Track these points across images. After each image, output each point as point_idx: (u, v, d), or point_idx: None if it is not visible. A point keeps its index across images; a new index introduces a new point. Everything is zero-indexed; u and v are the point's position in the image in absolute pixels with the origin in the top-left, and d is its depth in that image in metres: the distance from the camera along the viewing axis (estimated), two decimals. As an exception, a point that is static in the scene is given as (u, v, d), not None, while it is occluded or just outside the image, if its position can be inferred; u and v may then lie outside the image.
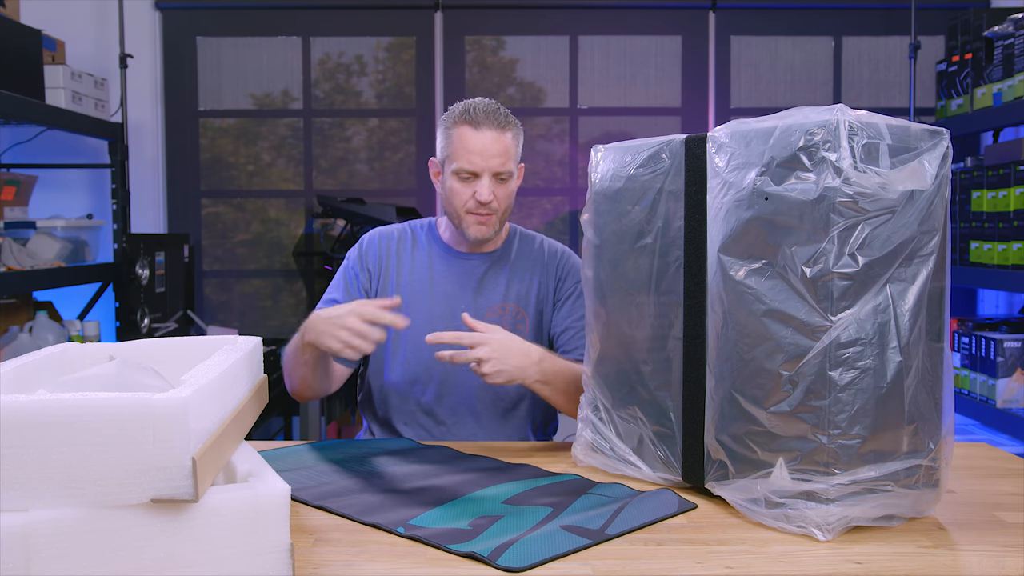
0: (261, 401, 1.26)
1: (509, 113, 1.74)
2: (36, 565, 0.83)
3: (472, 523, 1.15)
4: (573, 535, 1.10)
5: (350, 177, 3.86)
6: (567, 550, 1.06)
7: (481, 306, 1.78)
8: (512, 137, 1.72)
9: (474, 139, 1.68)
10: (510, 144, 1.71)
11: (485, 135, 1.68)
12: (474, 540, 1.09)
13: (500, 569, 1.01)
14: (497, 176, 1.70)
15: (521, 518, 1.17)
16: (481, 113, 1.69)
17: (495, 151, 1.68)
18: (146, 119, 3.71)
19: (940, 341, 1.15)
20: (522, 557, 1.03)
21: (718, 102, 3.85)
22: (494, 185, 1.70)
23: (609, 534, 1.11)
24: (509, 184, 1.73)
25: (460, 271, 1.80)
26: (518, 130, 1.75)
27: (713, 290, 1.20)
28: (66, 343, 1.26)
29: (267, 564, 0.92)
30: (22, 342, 2.78)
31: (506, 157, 1.70)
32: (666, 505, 1.23)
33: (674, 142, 1.28)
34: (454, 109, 1.73)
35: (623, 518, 1.17)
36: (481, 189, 1.69)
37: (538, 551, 1.05)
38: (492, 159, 1.68)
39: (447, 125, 1.73)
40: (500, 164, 1.69)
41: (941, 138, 1.13)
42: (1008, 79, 2.84)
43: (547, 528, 1.12)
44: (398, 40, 3.87)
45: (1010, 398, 2.73)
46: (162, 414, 0.84)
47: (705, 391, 1.24)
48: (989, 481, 1.39)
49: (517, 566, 1.01)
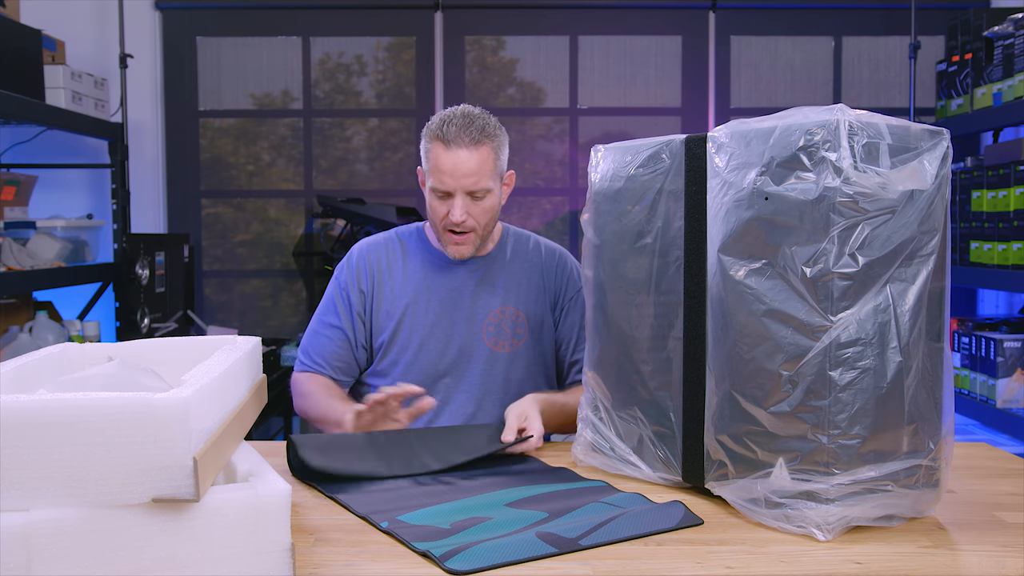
0: (261, 401, 1.26)
1: (490, 124, 1.67)
2: (37, 565, 0.83)
3: (453, 524, 1.14)
4: (543, 542, 1.07)
5: (350, 177, 3.86)
6: (526, 557, 1.03)
7: (480, 311, 1.77)
8: (491, 151, 1.66)
9: (445, 158, 1.63)
10: (486, 159, 1.65)
11: (456, 155, 1.63)
12: (443, 540, 1.07)
13: (445, 571, 1.00)
14: (471, 195, 1.65)
15: (507, 522, 1.15)
16: (454, 129, 1.63)
17: (466, 170, 1.63)
18: (146, 119, 3.71)
19: (940, 341, 1.15)
20: (473, 560, 1.01)
21: (718, 102, 3.85)
22: (468, 204, 1.66)
23: (582, 544, 1.07)
24: (486, 200, 1.68)
25: (455, 278, 1.78)
26: (498, 142, 1.68)
27: (713, 290, 1.20)
28: (66, 343, 1.26)
29: (268, 564, 0.92)
30: (22, 342, 2.78)
31: (480, 175, 1.64)
32: (668, 518, 1.16)
33: (674, 142, 1.28)
34: (431, 122, 1.68)
35: (611, 528, 1.12)
36: (454, 210, 1.65)
37: (494, 556, 1.02)
38: (464, 178, 1.64)
39: (426, 138, 1.68)
40: (473, 183, 1.64)
41: (941, 138, 1.13)
42: (1008, 79, 2.84)
43: (523, 534, 1.09)
44: (398, 40, 3.87)
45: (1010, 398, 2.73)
46: (163, 414, 0.84)
47: (705, 391, 1.24)
48: (989, 481, 1.39)
49: (463, 568, 1.00)
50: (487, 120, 1.68)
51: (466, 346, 1.76)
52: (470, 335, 1.76)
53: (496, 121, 1.71)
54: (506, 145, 1.72)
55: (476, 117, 1.66)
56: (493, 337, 1.76)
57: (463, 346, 1.75)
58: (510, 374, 1.76)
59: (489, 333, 1.76)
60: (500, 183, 1.72)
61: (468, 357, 1.76)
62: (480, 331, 1.76)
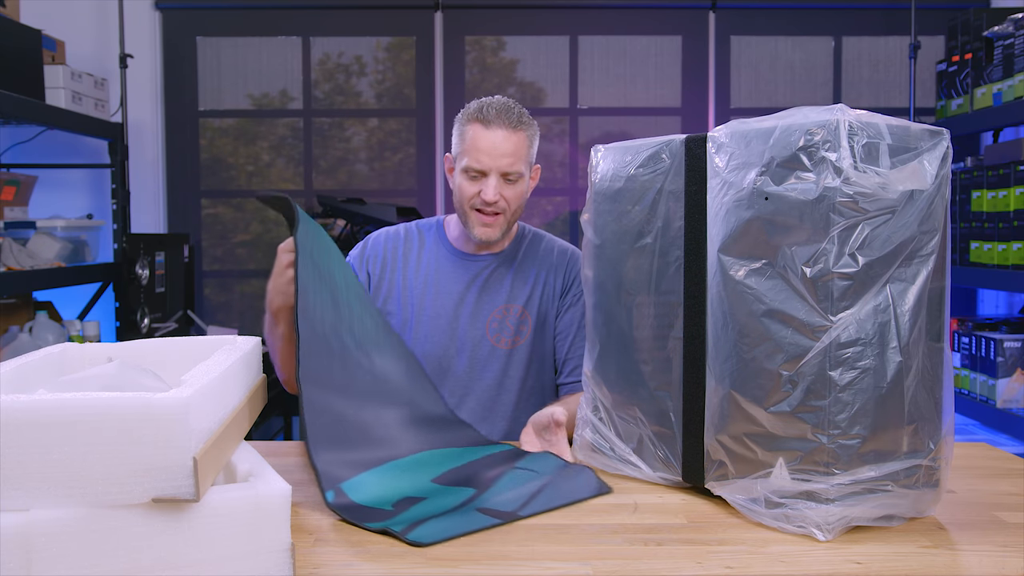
0: (261, 401, 1.26)
1: (525, 113, 1.72)
2: (37, 565, 0.83)
3: (395, 504, 1.23)
4: (487, 516, 1.18)
5: (350, 177, 3.86)
6: (477, 528, 1.14)
7: (485, 307, 1.78)
8: (526, 138, 1.71)
9: (484, 137, 1.67)
10: (521, 144, 1.69)
11: (495, 134, 1.67)
12: (391, 519, 1.16)
13: (409, 543, 1.08)
14: (505, 176, 1.69)
15: (442, 499, 1.25)
16: (494, 112, 1.68)
17: (503, 151, 1.67)
18: (146, 119, 3.71)
19: (940, 341, 1.15)
20: (432, 534, 1.11)
21: (718, 102, 3.85)
22: (501, 185, 1.69)
23: (522, 515, 1.19)
24: (518, 185, 1.71)
25: (466, 272, 1.80)
26: (533, 131, 1.73)
27: (713, 290, 1.20)
28: (66, 343, 1.26)
29: (268, 564, 0.92)
30: (22, 342, 2.78)
31: (515, 157, 1.68)
32: (584, 487, 1.30)
33: (674, 142, 1.28)
34: (469, 106, 1.73)
35: (541, 499, 1.24)
36: (487, 188, 1.68)
37: (449, 528, 1.13)
38: (500, 159, 1.67)
39: (461, 122, 1.73)
40: (509, 164, 1.68)
41: (941, 138, 1.13)
42: (1008, 79, 2.84)
43: (464, 510, 1.20)
44: (398, 40, 3.87)
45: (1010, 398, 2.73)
46: (163, 414, 0.85)
47: (705, 391, 1.24)
48: (989, 481, 1.39)
49: (426, 540, 1.09)
50: (523, 110, 1.74)
51: (467, 339, 1.77)
52: (473, 329, 1.78)
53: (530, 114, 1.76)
54: (537, 139, 1.76)
55: (514, 105, 1.72)
56: (496, 333, 1.78)
57: (464, 339, 1.77)
58: (508, 370, 1.78)
59: (492, 329, 1.78)
60: (529, 172, 1.75)
61: (469, 350, 1.77)
62: (484, 326, 1.78)
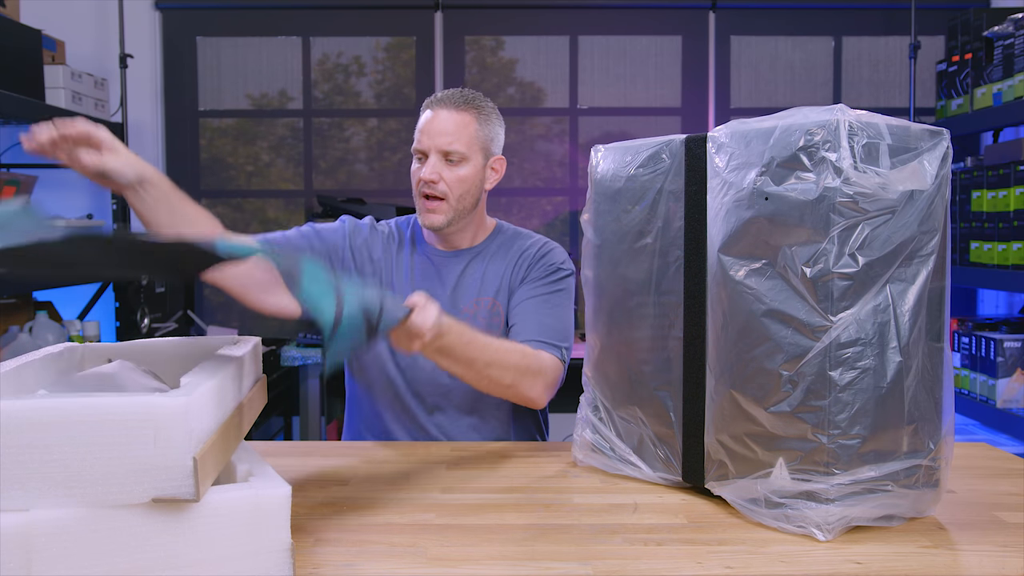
0: (261, 401, 1.26)
1: (480, 97, 1.70)
2: (37, 565, 0.83)
3: None
4: None
5: (350, 177, 3.86)
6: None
7: (457, 302, 1.76)
8: (472, 119, 1.67)
9: (427, 119, 1.68)
10: (465, 124, 1.66)
11: (438, 114, 1.66)
12: None
13: None
14: (446, 156, 1.66)
15: None
16: (442, 95, 1.68)
17: (442, 129, 1.65)
18: (146, 119, 3.71)
19: (940, 341, 1.15)
20: None
21: (718, 102, 3.85)
22: (440, 165, 1.66)
23: None
24: (461, 168, 1.67)
25: (440, 269, 1.78)
26: (484, 114, 1.70)
27: (713, 290, 1.20)
28: (66, 343, 1.26)
29: (268, 564, 0.92)
30: (22, 342, 2.78)
31: (455, 136, 1.65)
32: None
33: (674, 142, 1.28)
34: None
35: None
36: (425, 167, 1.66)
37: None
38: (438, 136, 1.65)
39: None
40: (447, 143, 1.65)
41: (941, 138, 1.13)
42: (1008, 79, 2.85)
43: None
44: (398, 40, 3.87)
45: (1010, 398, 2.73)
46: (163, 415, 0.84)
47: (705, 391, 1.24)
48: (989, 481, 1.39)
49: None
50: (479, 95, 1.71)
51: None
52: None
53: (492, 103, 1.73)
54: (495, 125, 1.73)
55: (470, 92, 1.70)
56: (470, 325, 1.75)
57: None
58: None
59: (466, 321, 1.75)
60: (483, 159, 1.71)
61: None
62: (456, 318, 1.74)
